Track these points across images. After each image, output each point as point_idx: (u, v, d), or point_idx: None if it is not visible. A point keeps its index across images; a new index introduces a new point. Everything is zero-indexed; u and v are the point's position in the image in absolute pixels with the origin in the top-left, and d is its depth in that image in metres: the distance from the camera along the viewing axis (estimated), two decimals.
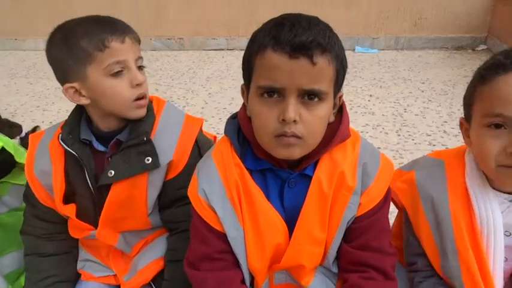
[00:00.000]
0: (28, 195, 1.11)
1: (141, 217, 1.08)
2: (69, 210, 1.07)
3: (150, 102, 1.07)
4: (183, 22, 4.72)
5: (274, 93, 0.77)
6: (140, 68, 1.01)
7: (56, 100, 3.34)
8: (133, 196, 1.04)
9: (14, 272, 1.26)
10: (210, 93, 3.40)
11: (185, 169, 1.04)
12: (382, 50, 4.49)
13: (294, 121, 0.76)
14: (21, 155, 1.22)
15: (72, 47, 0.94)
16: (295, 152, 0.80)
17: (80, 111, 1.06)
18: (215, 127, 2.75)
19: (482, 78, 0.84)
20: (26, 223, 1.14)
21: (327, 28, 0.78)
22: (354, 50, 4.45)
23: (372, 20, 4.51)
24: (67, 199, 1.08)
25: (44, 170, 1.05)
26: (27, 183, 1.10)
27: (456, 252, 0.88)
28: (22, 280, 1.26)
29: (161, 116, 1.07)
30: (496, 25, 4.29)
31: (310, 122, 0.77)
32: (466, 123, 0.91)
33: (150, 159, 1.00)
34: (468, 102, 0.88)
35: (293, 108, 0.75)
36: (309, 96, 0.77)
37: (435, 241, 0.92)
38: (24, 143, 1.63)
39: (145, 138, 1.00)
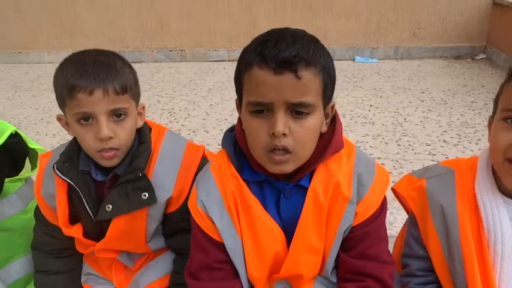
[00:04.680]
0: (38, 213, 1.14)
1: (140, 244, 1.10)
2: (75, 232, 1.09)
3: (149, 131, 1.07)
4: (185, 34, 4.77)
5: (263, 110, 0.79)
6: (119, 116, 0.97)
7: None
8: (133, 227, 1.05)
9: (21, 280, 1.28)
10: (211, 105, 3.43)
11: (185, 203, 1.02)
12: (382, 59, 4.53)
13: (284, 134, 0.77)
14: (31, 142, 1.26)
15: (56, 85, 0.96)
16: (287, 167, 0.82)
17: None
18: (216, 138, 2.77)
19: (509, 75, 0.85)
20: (36, 239, 1.17)
21: (312, 41, 0.80)
22: (353, 59, 4.48)
23: (371, 30, 4.55)
24: (74, 218, 1.10)
25: (50, 193, 1.07)
26: None
27: (462, 261, 0.88)
28: None
29: (160, 147, 1.06)
30: (495, 34, 4.32)
31: (300, 134, 0.79)
32: (492, 120, 0.91)
33: (147, 194, 1.00)
34: (496, 99, 0.89)
35: (282, 121, 0.77)
36: (297, 109, 0.78)
37: (442, 250, 0.92)
38: None
39: (140, 175, 1.00)
